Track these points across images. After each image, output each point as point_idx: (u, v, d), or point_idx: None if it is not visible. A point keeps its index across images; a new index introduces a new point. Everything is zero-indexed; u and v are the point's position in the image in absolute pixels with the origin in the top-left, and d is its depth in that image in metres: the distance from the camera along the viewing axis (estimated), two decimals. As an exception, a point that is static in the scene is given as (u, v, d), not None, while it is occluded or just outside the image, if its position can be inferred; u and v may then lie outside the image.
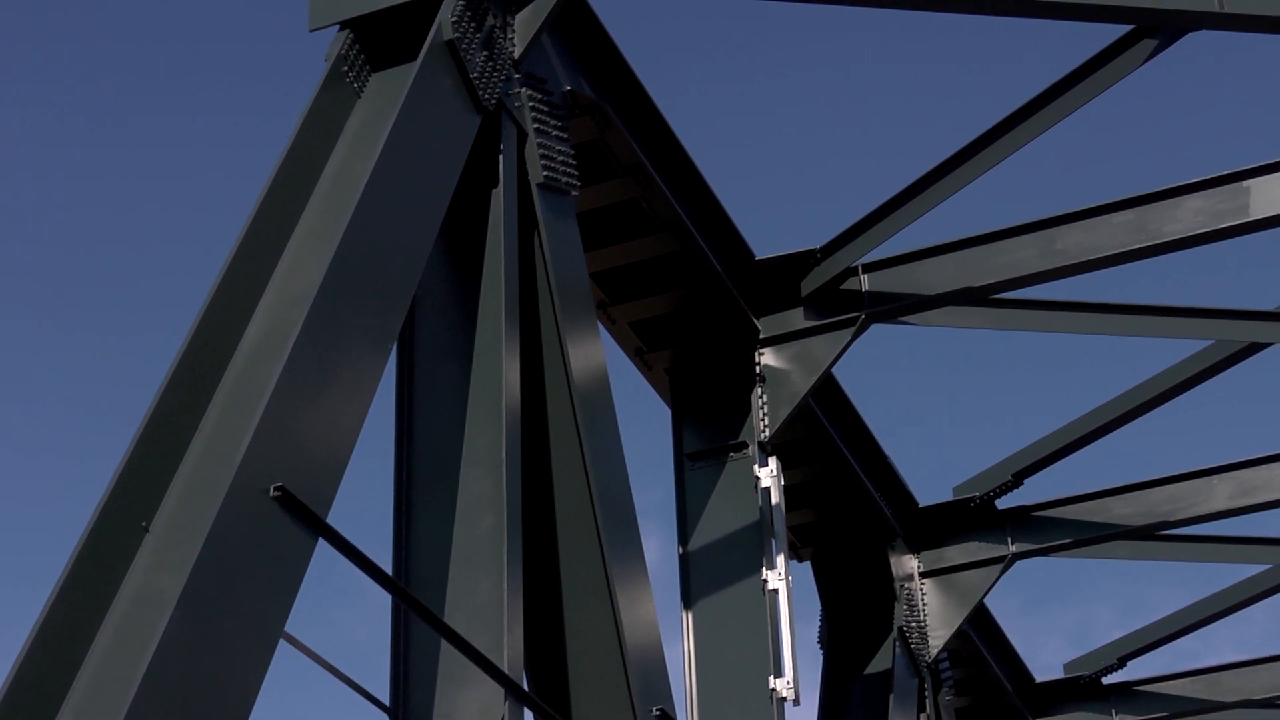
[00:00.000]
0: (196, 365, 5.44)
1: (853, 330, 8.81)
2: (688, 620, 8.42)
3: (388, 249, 5.82)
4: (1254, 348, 9.74)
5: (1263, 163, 8.44)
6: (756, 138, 24.86)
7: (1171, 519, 10.51)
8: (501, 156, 6.64)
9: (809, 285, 8.88)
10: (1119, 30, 8.04)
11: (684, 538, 8.55)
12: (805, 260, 8.91)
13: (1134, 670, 12.18)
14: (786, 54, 24.56)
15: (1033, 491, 10.54)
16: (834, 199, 23.73)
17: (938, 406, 24.00)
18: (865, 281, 8.88)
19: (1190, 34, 7.92)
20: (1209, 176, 8.51)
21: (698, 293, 8.72)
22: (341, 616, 21.86)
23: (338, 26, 6.50)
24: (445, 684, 5.74)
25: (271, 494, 4.90)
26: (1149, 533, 10.79)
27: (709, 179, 8.39)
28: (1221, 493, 10.45)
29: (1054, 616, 25.76)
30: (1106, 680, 12.08)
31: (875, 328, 8.99)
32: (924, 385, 23.49)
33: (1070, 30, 7.79)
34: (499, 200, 6.55)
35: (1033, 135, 8.33)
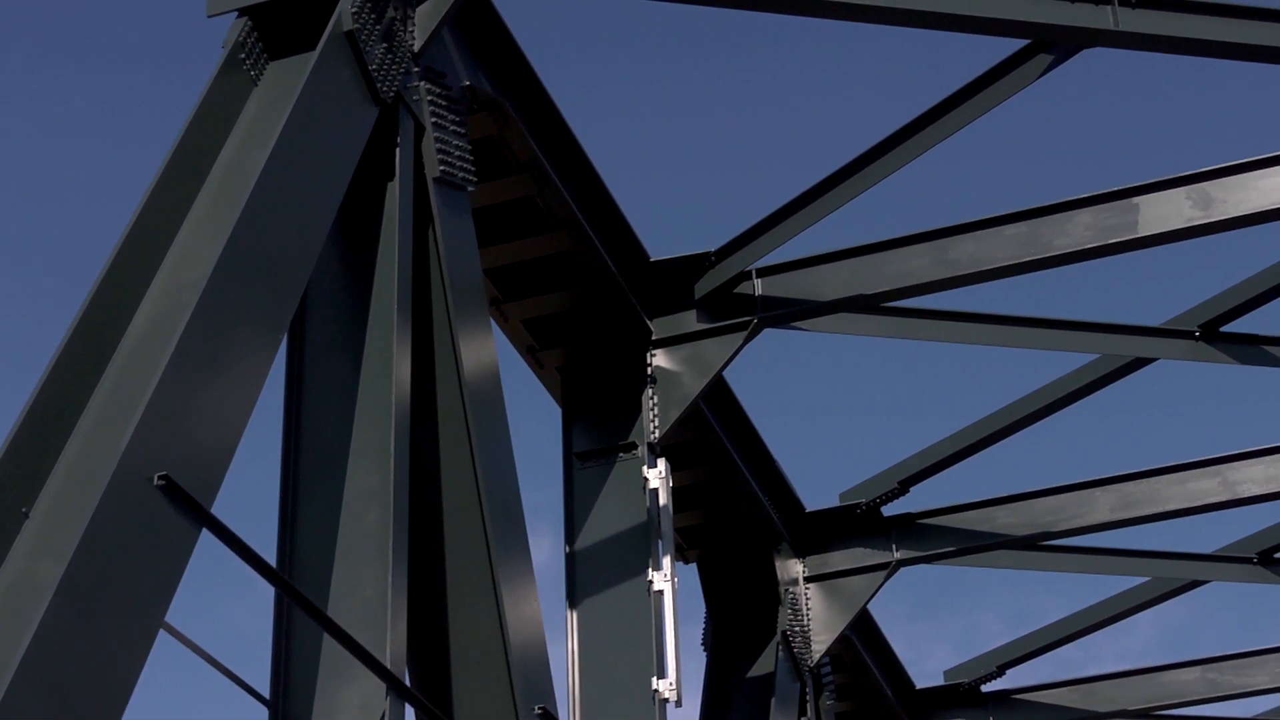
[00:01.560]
0: (82, 351, 5.38)
1: (745, 334, 8.84)
2: (572, 619, 8.41)
3: (281, 239, 5.78)
4: (1139, 362, 9.87)
5: (1152, 180, 8.54)
6: (655, 140, 24.90)
7: (1054, 529, 10.62)
8: (398, 150, 6.62)
9: (703, 288, 8.90)
10: (1015, 44, 8.12)
11: (571, 537, 8.55)
12: (699, 263, 8.93)
13: (1015, 679, 12.32)
14: (688, 57, 24.62)
15: (918, 499, 10.64)
16: (730, 203, 23.81)
17: (828, 412, 24.14)
18: (759, 286, 8.91)
19: (1086, 51, 8.00)
20: (1100, 192, 8.60)
21: (591, 292, 8.72)
22: (230, 610, 21.69)
23: (236, 13, 6.44)
24: (327, 678, 5.70)
25: (155, 482, 4.85)
26: (1032, 543, 10.90)
27: (606, 179, 8.41)
28: (1104, 505, 10.57)
29: (942, 623, 25.99)
30: (985, 688, 12.19)
31: (768, 332, 9.03)
32: (814, 391, 23.62)
33: (968, 43, 7.87)
34: (394, 193, 6.52)
35: (928, 146, 8.39)
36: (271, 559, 5.85)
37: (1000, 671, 12.12)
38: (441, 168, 6.88)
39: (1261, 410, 22.13)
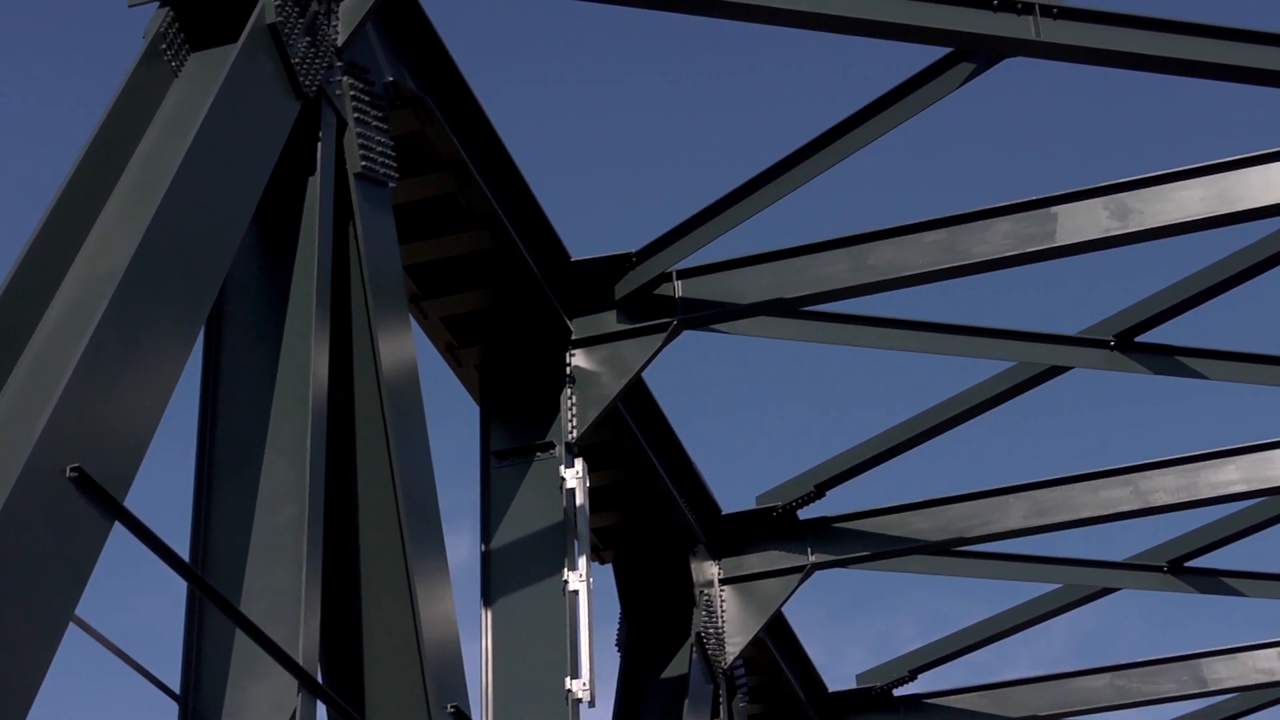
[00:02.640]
0: (-5, 340, 5.33)
1: (664, 335, 8.85)
2: (487, 618, 8.40)
3: (199, 231, 5.75)
4: (1054, 370, 9.94)
5: (1070, 190, 8.61)
6: (579, 141, 24.90)
7: (968, 535, 10.68)
8: (320, 144, 6.59)
9: (623, 289, 8.91)
10: (938, 52, 8.17)
11: (487, 536, 8.54)
12: (620, 264, 8.93)
13: (928, 683, 12.39)
14: (613, 59, 24.63)
15: (835, 503, 10.68)
16: (653, 205, 23.84)
17: (746, 415, 24.21)
18: (679, 288, 8.92)
19: (1007, 60, 8.06)
20: (1019, 201, 8.66)
21: (511, 291, 8.71)
22: (143, 605, 21.53)
23: (157, 3, 6.40)
24: (238, 674, 5.67)
25: (68, 474, 4.81)
26: (946, 548, 10.97)
27: (529, 178, 8.40)
28: (1017, 511, 10.65)
29: (860, 627, 26.10)
30: (897, 692, 12.26)
31: (689, 334, 9.05)
32: (733, 394, 23.67)
33: (893, 49, 7.92)
34: (315, 188, 6.49)
35: (849, 151, 8.43)
36: (185, 553, 5.82)
37: (912, 676, 12.19)
38: (363, 163, 6.86)
39: (1174, 420, 22.35)
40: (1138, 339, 9.74)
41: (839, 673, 12.42)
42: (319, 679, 5.82)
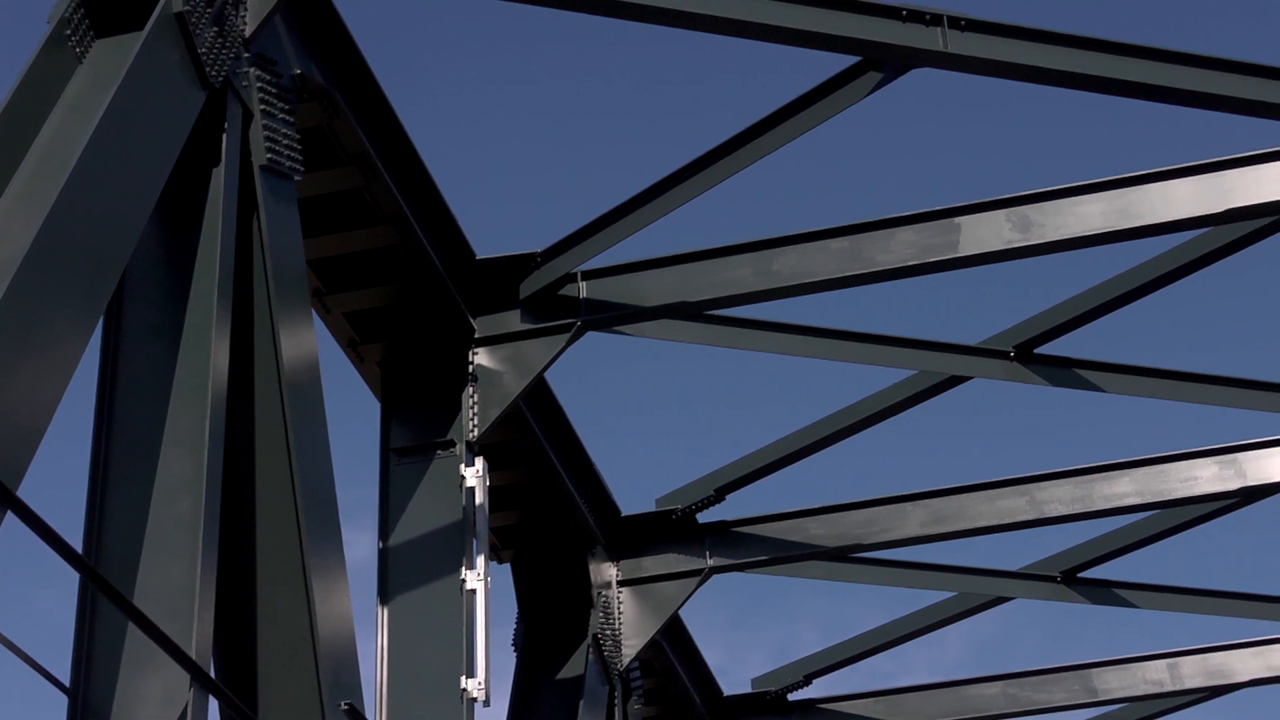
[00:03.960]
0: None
1: (568, 336, 8.84)
2: (383, 616, 8.36)
3: (100, 220, 5.69)
4: (954, 380, 10.01)
5: (973, 201, 8.68)
6: (488, 140, 24.85)
7: (865, 542, 10.74)
8: (225, 135, 6.55)
9: (527, 288, 8.90)
10: (847, 60, 8.20)
11: (385, 533, 8.50)
12: (525, 263, 8.92)
13: (825, 688, 12.45)
14: (525, 59, 24.60)
15: (734, 507, 10.71)
16: (560, 206, 23.83)
17: (648, 418, 24.24)
18: (583, 289, 8.92)
19: (914, 70, 8.11)
20: (922, 211, 8.72)
21: (415, 288, 8.67)
22: (37, 597, 21.28)
23: (64, -12, 6.33)
24: (130, 668, 5.62)
25: (-41, 462, 4.76)
26: (843, 554, 11.02)
27: (436, 176, 8.37)
28: (914, 519, 10.71)
29: (760, 631, 26.19)
30: (792, 697, 12.31)
31: (594, 336, 9.05)
32: (636, 396, 23.69)
33: (803, 56, 7.95)
34: (219, 179, 6.45)
35: (756, 156, 8.45)
36: (79, 545, 5.76)
37: (807, 681, 12.24)
38: (268, 155, 6.82)
39: (1070, 432, 22.56)
40: (1037, 350, 9.83)
41: (738, 677, 12.50)
42: (212, 673, 5.78)
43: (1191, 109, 8.11)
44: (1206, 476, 10.51)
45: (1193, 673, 12.13)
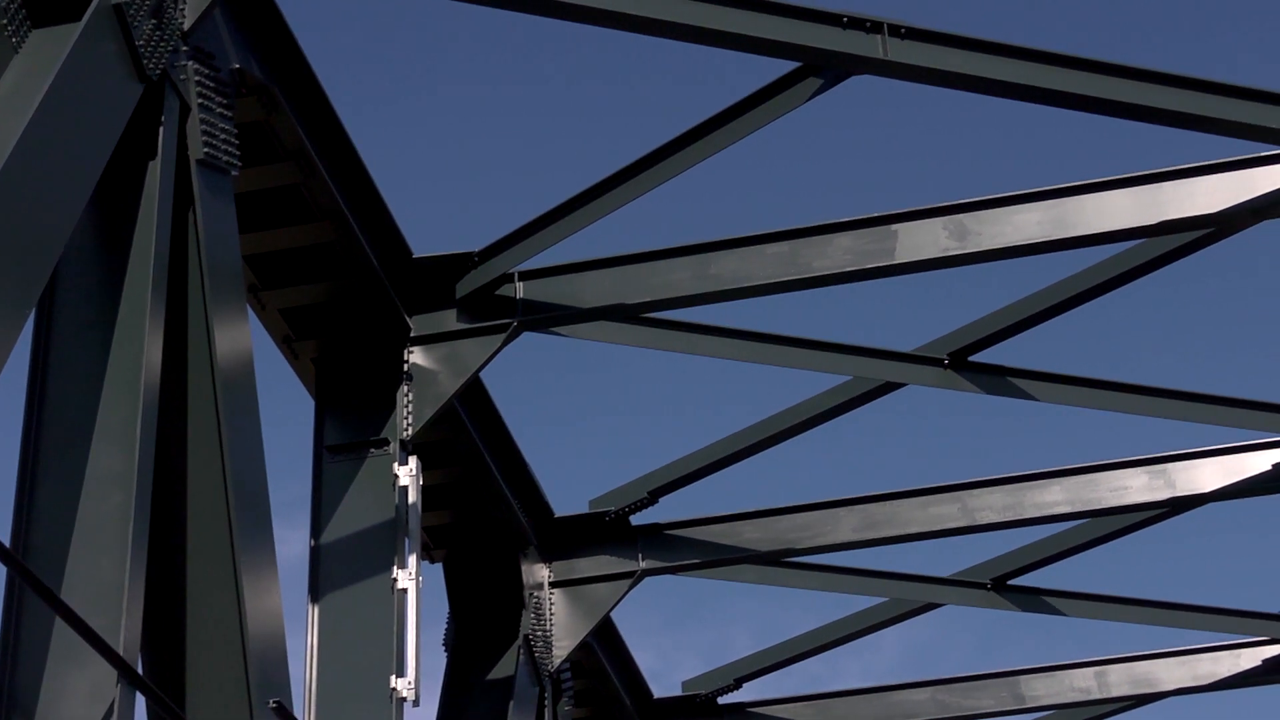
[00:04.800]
0: None
1: (504, 336, 8.83)
2: (313, 614, 8.33)
3: (33, 212, 5.64)
4: (889, 386, 10.05)
5: (910, 208, 8.71)
6: (427, 139, 24.79)
7: (798, 546, 10.77)
8: (162, 129, 6.51)
9: (464, 288, 8.88)
10: (787, 66, 8.22)
11: (317, 531, 8.46)
12: (463, 262, 8.91)
13: (756, 692, 12.47)
14: (467, 59, 24.55)
15: (667, 510, 10.71)
16: (499, 206, 23.79)
17: (584, 419, 24.23)
18: (520, 289, 8.91)
19: (854, 77, 8.14)
20: (860, 217, 8.75)
21: (351, 285, 8.65)
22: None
23: (0, -23, 6.27)
24: (56, 663, 5.59)
25: (-113, 453, 4.72)
26: (776, 558, 11.04)
27: (375, 174, 8.35)
28: (847, 524, 10.74)
29: (694, 634, 26.22)
30: (722, 700, 12.32)
31: (532, 336, 9.04)
32: (573, 397, 23.69)
33: (744, 60, 7.97)
34: (155, 173, 6.41)
35: (695, 160, 8.46)
36: (7, 539, 5.72)
37: (737, 684, 12.26)
38: (205, 149, 6.78)
39: (1003, 440, 22.68)
40: (971, 358, 9.86)
41: (671, 679, 12.51)
42: (140, 670, 5.75)
43: (1128, 121, 8.17)
44: (1137, 486, 10.59)
45: (1119, 681, 12.21)
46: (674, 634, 25.38)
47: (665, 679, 11.95)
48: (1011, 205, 8.63)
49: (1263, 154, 8.46)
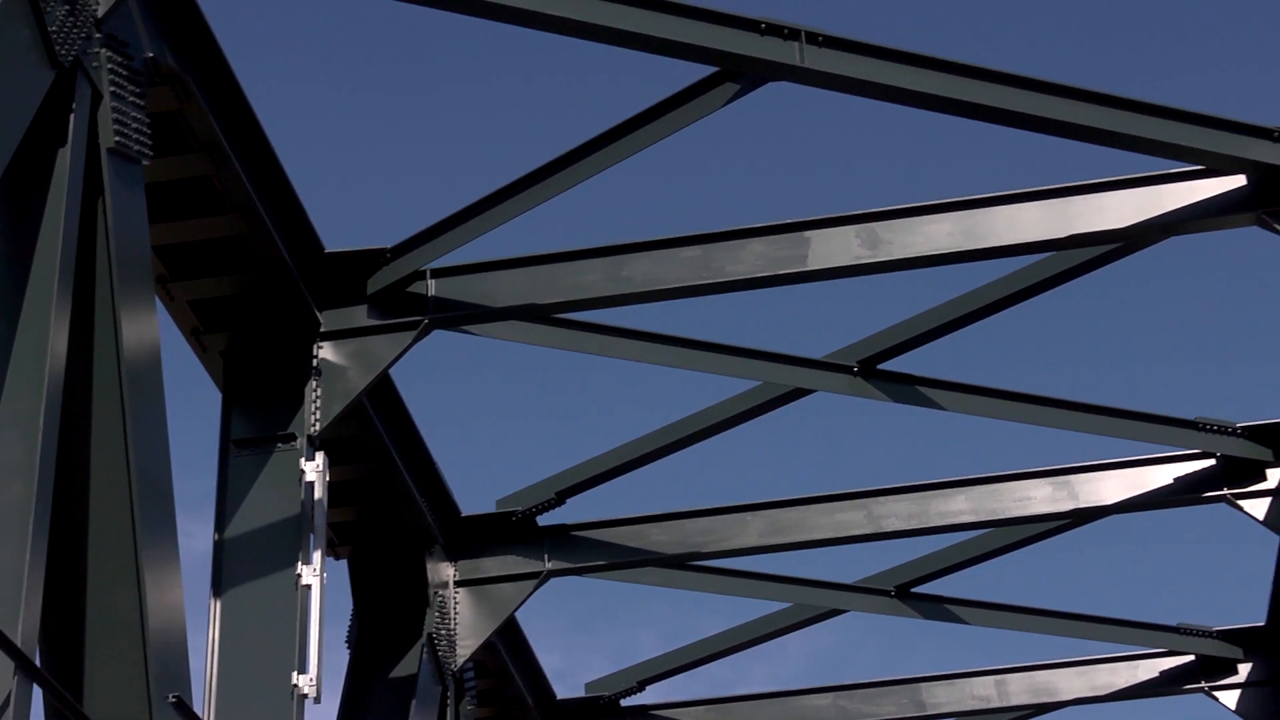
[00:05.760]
0: None
1: (414, 333, 8.80)
2: (216, 609, 8.27)
3: (-60, 196, 5.58)
4: (799, 392, 10.08)
5: (824, 216, 8.75)
6: (342, 134, 24.68)
7: (704, 550, 10.79)
8: (73, 116, 6.45)
9: (376, 284, 8.85)
10: (705, 70, 8.24)
11: (221, 525, 8.41)
12: (375, 259, 8.87)
13: (658, 694, 12.48)
14: (383, 58, 24.46)
15: (574, 511, 10.71)
16: (414, 203, 23.72)
17: (494, 418, 24.19)
18: (432, 286, 8.88)
19: (771, 84, 8.16)
20: (773, 223, 8.78)
21: (262, 278, 8.59)
22: None
23: (-91, -40, 6.20)
24: (-48, 653, 5.52)
25: None
26: (682, 561, 11.05)
27: (288, 168, 8.30)
28: (753, 529, 10.77)
29: (602, 636, 26.21)
30: (625, 702, 12.32)
31: (443, 334, 9.01)
32: (482, 396, 23.64)
33: (662, 64, 7.98)
34: (65, 161, 6.35)
35: (611, 162, 8.47)
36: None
37: (640, 687, 12.27)
38: (116, 138, 6.73)
39: (910, 448, 22.81)
40: (880, 366, 9.92)
41: (578, 680, 12.48)
42: (38, 662, 5.69)
43: (1039, 134, 8.24)
44: (1040, 497, 10.68)
45: (1019, 690, 12.30)
46: (582, 635, 25.38)
47: (572, 679, 11.98)
48: (923, 215, 8.69)
49: (1171, 171, 8.55)
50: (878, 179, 23.43)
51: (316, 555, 8.34)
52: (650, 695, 12.39)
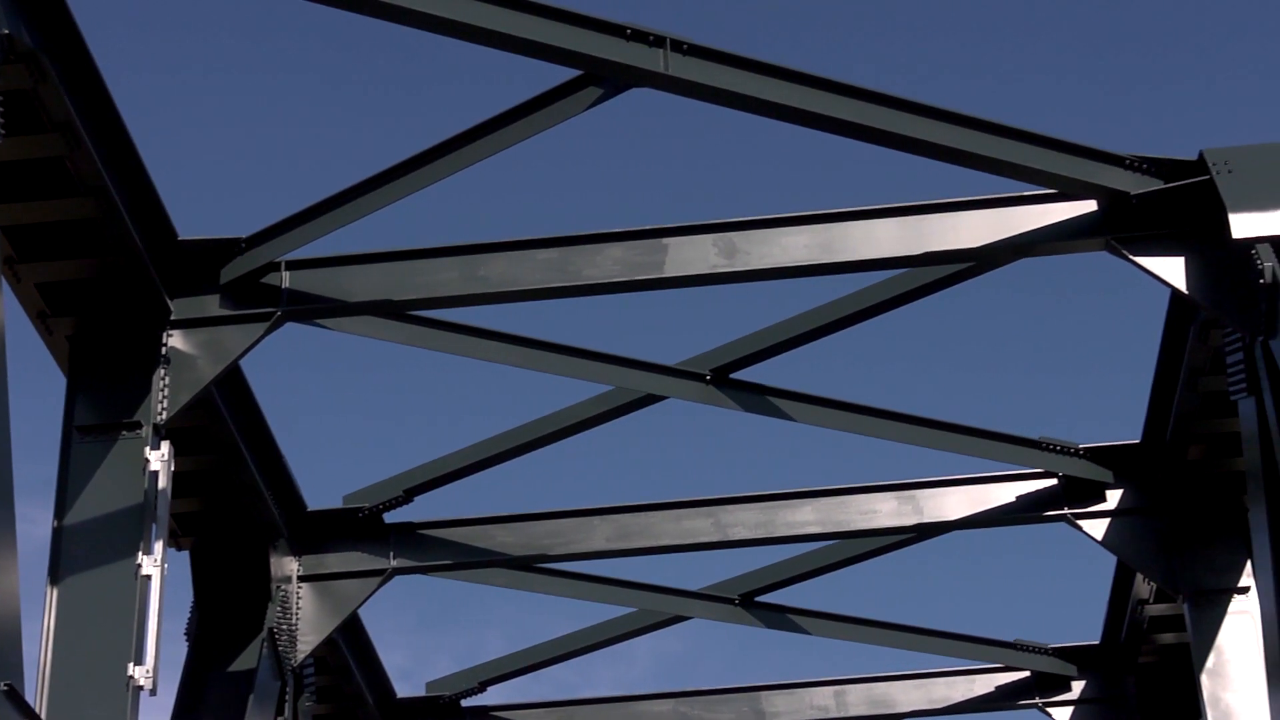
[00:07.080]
0: None
1: (267, 325, 8.73)
2: (52, 596, 8.14)
3: None
4: (651, 398, 10.12)
5: (682, 224, 8.78)
6: (202, 122, 24.43)
7: (551, 553, 10.79)
8: (-78, 90, 6.33)
9: (229, 274, 8.76)
10: (569, 73, 8.24)
11: (61, 511, 8.28)
12: (229, 248, 8.79)
13: (500, 695, 12.46)
14: (246, 48, 24.24)
15: (422, 509, 10.66)
16: (271, 195, 23.52)
17: (344, 414, 24.03)
18: (286, 278, 8.81)
19: (635, 89, 8.18)
20: (632, 229, 8.80)
21: (112, 263, 8.48)
22: None
23: None
24: None
25: None
26: (529, 563, 11.04)
27: (144, 153, 8.20)
28: (601, 533, 10.79)
29: (449, 635, 26.12)
30: (466, 703, 12.29)
31: (295, 327, 8.94)
32: (333, 391, 23.48)
33: (528, 65, 7.98)
34: (-89, 135, 6.23)
35: (471, 161, 8.45)
36: None
37: (482, 687, 12.24)
38: (-33, 115, 6.60)
39: (759, 458, 22.95)
40: (733, 375, 9.97)
41: (423, 679, 12.42)
42: None
43: (897, 151, 8.33)
44: (885, 510, 10.78)
45: (857, 701, 12.41)
46: (430, 635, 25.28)
47: (416, 678, 11.92)
48: (781, 227, 8.75)
49: (1025, 194, 8.68)
50: (738, 188, 23.57)
51: (158, 545, 8.24)
52: (493, 696, 12.39)
